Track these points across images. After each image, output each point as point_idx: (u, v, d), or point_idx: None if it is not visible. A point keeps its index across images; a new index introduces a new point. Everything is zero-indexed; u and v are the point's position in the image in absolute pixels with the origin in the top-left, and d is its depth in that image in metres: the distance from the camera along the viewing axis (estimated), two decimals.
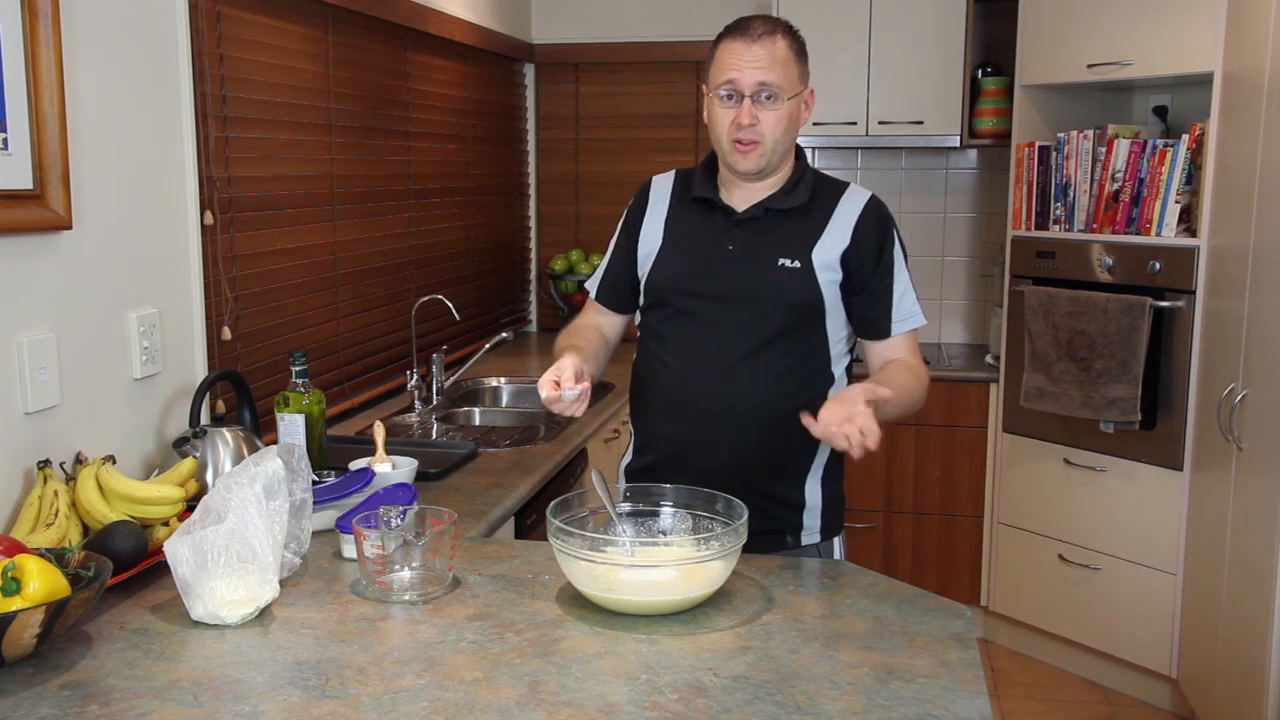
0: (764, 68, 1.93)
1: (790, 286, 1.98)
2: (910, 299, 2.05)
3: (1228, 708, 2.98)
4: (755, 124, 1.95)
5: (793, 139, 2.02)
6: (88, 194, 2.02)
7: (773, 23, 1.98)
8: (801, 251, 1.99)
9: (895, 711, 1.34)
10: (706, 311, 2.02)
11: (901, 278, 2.05)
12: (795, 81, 1.98)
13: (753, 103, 1.95)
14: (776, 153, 1.99)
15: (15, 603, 1.44)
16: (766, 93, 1.94)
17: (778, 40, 1.96)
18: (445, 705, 1.35)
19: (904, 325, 2.05)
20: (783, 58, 1.95)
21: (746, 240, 2.02)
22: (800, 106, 2.01)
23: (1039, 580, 3.80)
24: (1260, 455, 2.80)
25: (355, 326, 3.22)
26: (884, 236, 2.03)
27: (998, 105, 4.06)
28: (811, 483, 2.07)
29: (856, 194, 2.06)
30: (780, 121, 1.96)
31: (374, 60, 3.30)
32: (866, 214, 2.02)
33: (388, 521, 1.70)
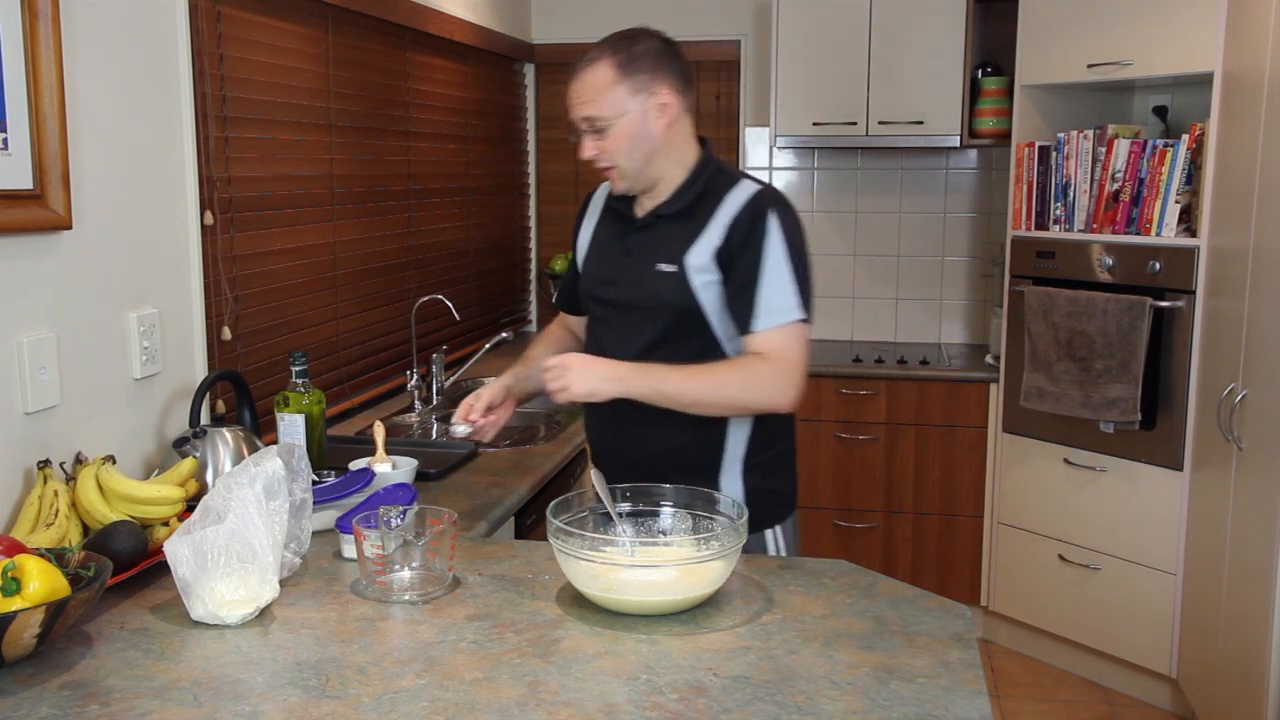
0: (583, 102, 1.99)
1: (666, 290, 2.03)
2: (785, 295, 1.97)
3: (1228, 708, 2.98)
4: (598, 154, 2.02)
5: (648, 152, 2.02)
6: (88, 194, 2.02)
7: (600, 48, 2.01)
8: (677, 255, 2.03)
9: (895, 711, 1.34)
10: (608, 315, 2.15)
11: (775, 272, 1.97)
12: (620, 103, 1.98)
13: (588, 135, 2.01)
14: (637, 171, 2.04)
15: (15, 603, 1.44)
16: (592, 126, 2.00)
17: (596, 69, 1.99)
18: (445, 705, 1.35)
19: (768, 321, 1.97)
20: (601, 85, 1.98)
21: (638, 247, 2.09)
22: (642, 119, 1.99)
23: (1039, 580, 3.80)
24: (1260, 455, 2.80)
25: (355, 326, 3.22)
26: (755, 230, 1.99)
27: (998, 105, 4.06)
28: (729, 477, 2.11)
29: (741, 190, 2.03)
30: (619, 144, 2.00)
31: (374, 60, 3.30)
32: (743, 210, 2.01)
33: (388, 521, 1.70)
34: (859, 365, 4.06)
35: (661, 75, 2.01)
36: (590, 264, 2.21)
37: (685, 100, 2.05)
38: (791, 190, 4.58)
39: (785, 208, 2.03)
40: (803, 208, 4.55)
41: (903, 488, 4.06)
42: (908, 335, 4.58)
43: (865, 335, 4.61)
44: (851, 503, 4.10)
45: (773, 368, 1.96)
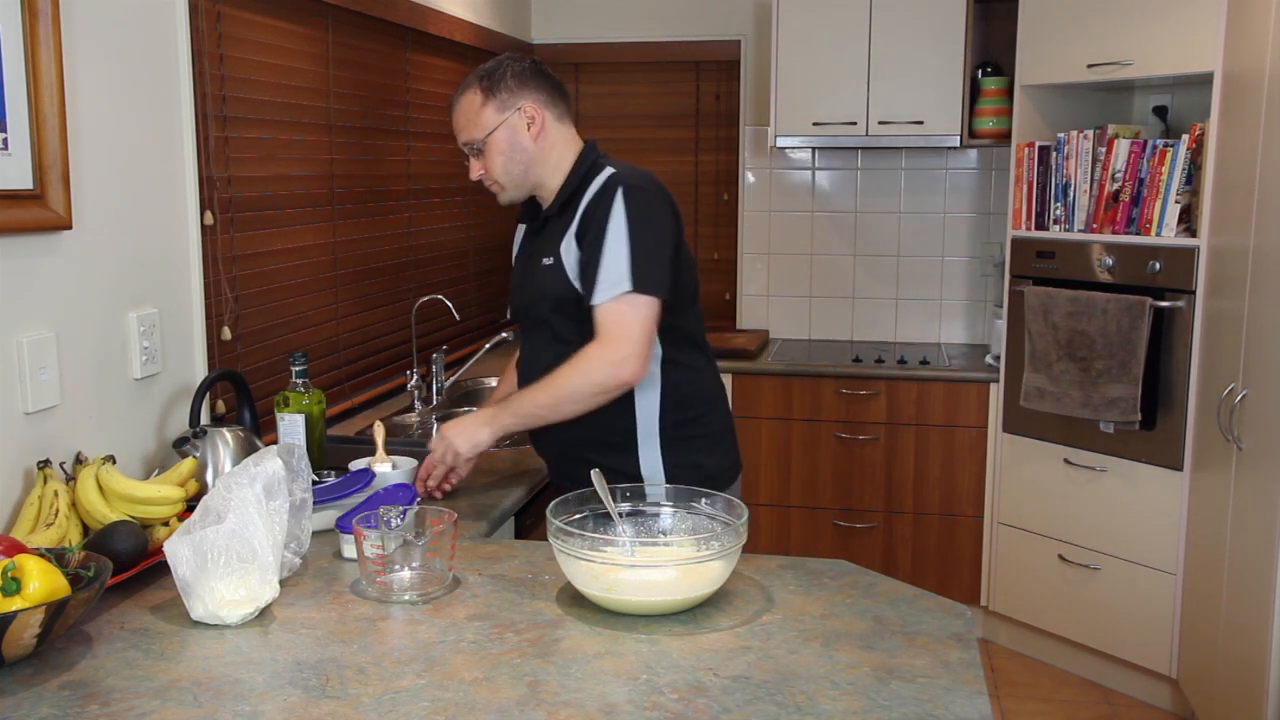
0: (459, 129, 2.20)
1: (549, 283, 2.15)
2: (619, 267, 2.03)
3: (1228, 708, 2.98)
4: (483, 173, 2.20)
5: (523, 163, 2.18)
6: (88, 194, 2.02)
7: (464, 83, 2.19)
8: (554, 249, 2.16)
9: (895, 711, 1.34)
10: (523, 320, 2.30)
11: (615, 246, 2.04)
12: (488, 123, 2.14)
13: (471, 158, 2.20)
14: (515, 182, 2.20)
15: (15, 603, 1.44)
16: (471, 148, 2.19)
17: (464, 96, 2.17)
18: (445, 705, 1.35)
19: (604, 294, 2.04)
20: (470, 110, 2.16)
21: (533, 251, 2.25)
22: (511, 131, 2.15)
23: (1039, 580, 3.80)
24: (1260, 455, 2.80)
25: (355, 326, 3.22)
26: (600, 208, 2.08)
27: (998, 105, 4.06)
28: (647, 453, 2.17)
29: (600, 177, 2.15)
30: (494, 159, 2.17)
31: (374, 60, 3.30)
32: (595, 196, 2.11)
33: (388, 521, 1.70)
34: (859, 365, 4.06)
35: (525, 90, 2.15)
36: (513, 279, 2.37)
37: (554, 110, 2.19)
38: (791, 190, 4.58)
39: (636, 187, 2.10)
40: (803, 208, 4.58)
41: (903, 488, 4.06)
42: (908, 335, 4.58)
43: (865, 335, 4.61)
44: (851, 503, 4.10)
45: (602, 347, 2.05)
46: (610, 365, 2.04)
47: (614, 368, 2.03)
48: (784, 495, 4.11)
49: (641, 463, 2.17)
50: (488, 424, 2.14)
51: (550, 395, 2.09)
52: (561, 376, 2.08)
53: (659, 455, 2.17)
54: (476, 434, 2.14)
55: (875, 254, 4.57)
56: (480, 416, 2.17)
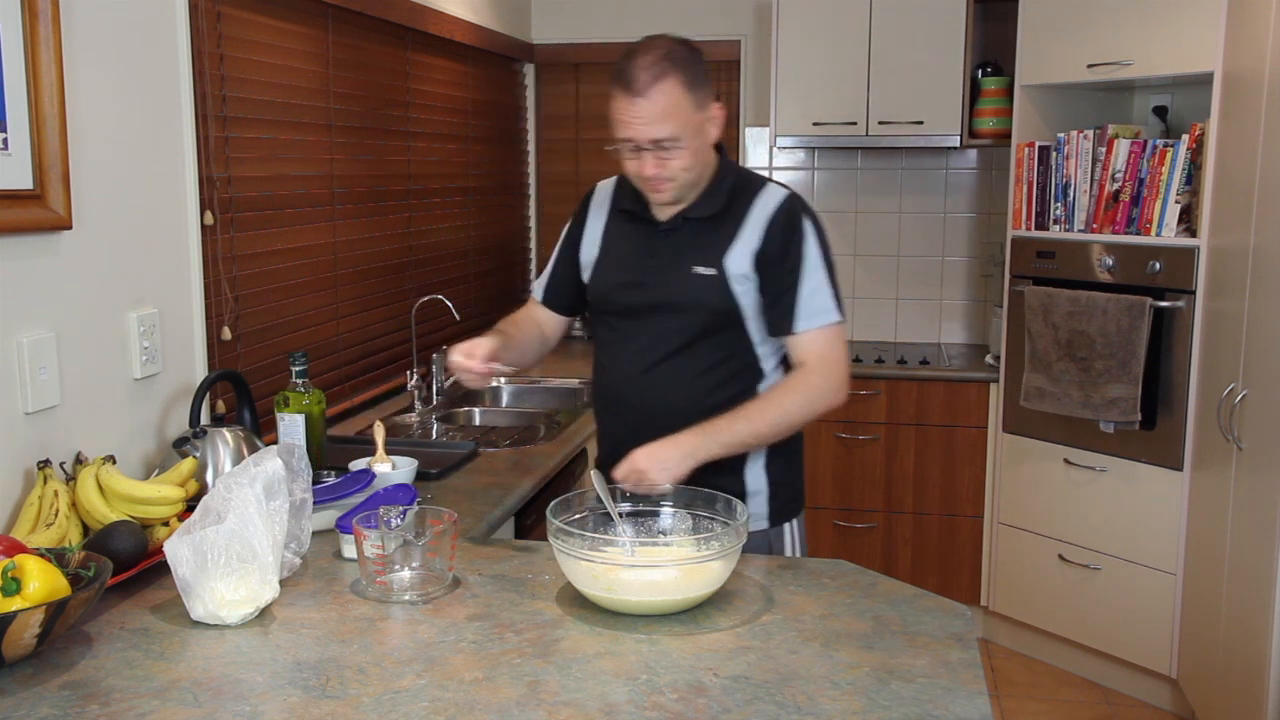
0: (654, 122, 1.92)
1: (705, 294, 2.03)
2: (823, 297, 2.02)
3: (1228, 708, 2.98)
4: (659, 171, 1.97)
5: (703, 163, 2.03)
6: (88, 194, 2.02)
7: (657, 66, 1.92)
8: (715, 259, 2.03)
9: (895, 711, 1.34)
10: (634, 318, 2.11)
11: (814, 276, 2.02)
12: (690, 118, 1.95)
13: (653, 154, 1.95)
14: (692, 183, 2.03)
15: (15, 603, 1.44)
16: (659, 145, 1.94)
17: (663, 86, 1.91)
18: (445, 705, 1.35)
19: (811, 323, 2.01)
20: (672, 104, 1.92)
21: (667, 250, 2.08)
22: (705, 134, 2.00)
23: (1039, 580, 3.80)
24: (1260, 455, 2.80)
25: (355, 326, 3.22)
26: (791, 234, 2.02)
27: (998, 105, 4.06)
28: (753, 471, 2.11)
29: (771, 194, 2.06)
30: (686, 159, 1.97)
31: (374, 60, 3.30)
32: (777, 214, 2.03)
33: (388, 521, 1.70)
34: (859, 365, 4.06)
35: (708, 85, 1.99)
36: (605, 267, 2.16)
37: None
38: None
39: (813, 213, 2.08)
40: None
41: (903, 488, 4.06)
42: (908, 335, 4.58)
43: (865, 335, 4.61)
44: (851, 503, 4.10)
45: (821, 374, 2.01)
46: (830, 393, 2.01)
47: (833, 395, 2.02)
48: None
49: (748, 479, 2.10)
50: (690, 456, 1.91)
51: (771, 424, 1.99)
52: (782, 404, 1.99)
53: (764, 473, 2.11)
54: (679, 467, 1.90)
55: (875, 254, 4.57)
56: (680, 446, 1.91)
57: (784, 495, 2.15)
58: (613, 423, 2.18)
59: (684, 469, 1.90)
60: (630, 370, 2.11)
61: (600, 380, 2.20)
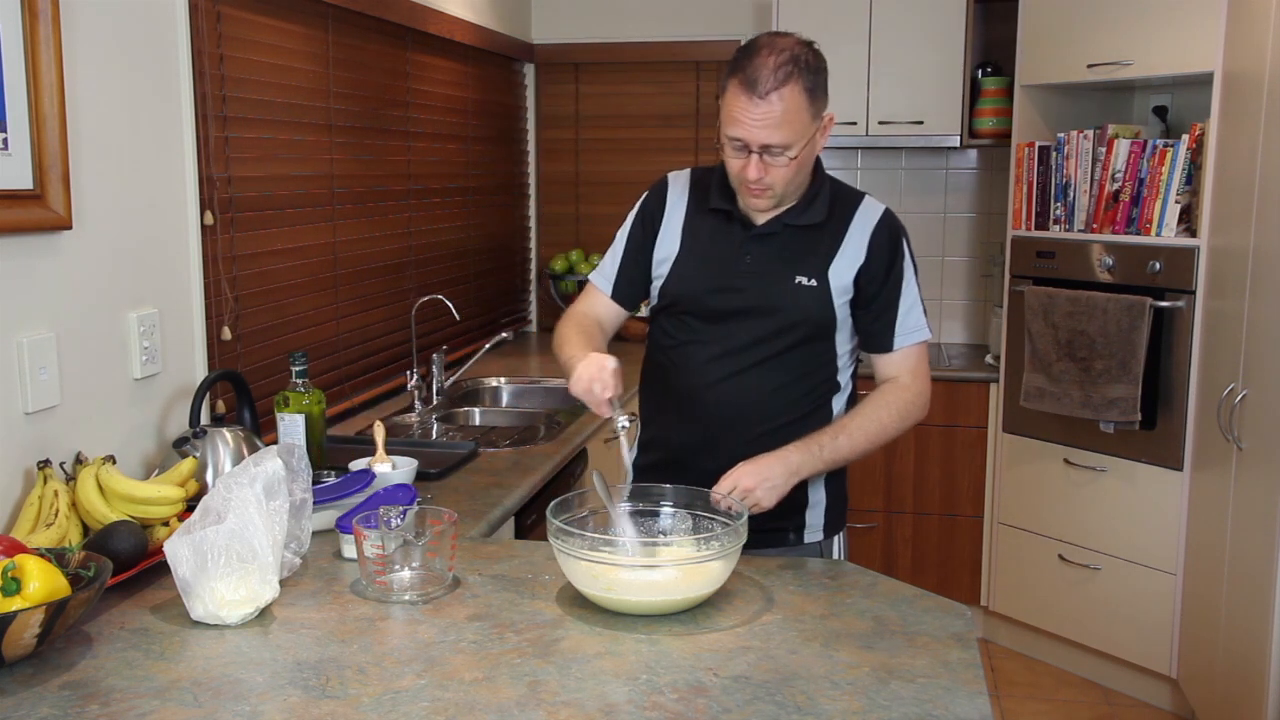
0: (771, 127, 1.85)
1: (807, 304, 1.99)
2: (917, 314, 2.05)
3: (1228, 708, 2.98)
4: (763, 175, 1.90)
5: (807, 172, 1.99)
6: (88, 194, 2.02)
7: (783, 70, 1.83)
8: (818, 270, 1.99)
9: (895, 711, 1.34)
10: (720, 322, 2.02)
11: (909, 292, 2.04)
12: (806, 128, 1.89)
13: (761, 158, 1.88)
14: (790, 192, 1.99)
15: (15, 603, 1.44)
16: (770, 150, 1.88)
17: (787, 93, 1.83)
18: (445, 705, 1.35)
19: (907, 340, 2.04)
20: (793, 110, 1.84)
21: (763, 255, 2.00)
22: (815, 140, 1.94)
23: (1039, 580, 3.80)
24: (1260, 455, 2.80)
25: (355, 326, 3.22)
26: (894, 252, 2.02)
27: (998, 105, 4.06)
28: (816, 482, 2.07)
29: (871, 208, 2.05)
30: (792, 170, 1.91)
31: (374, 60, 3.30)
32: (880, 230, 2.02)
33: (388, 521, 1.70)
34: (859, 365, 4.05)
35: (826, 94, 1.92)
36: (688, 265, 2.05)
37: None
38: None
39: (905, 230, 2.08)
40: None
41: (903, 488, 4.06)
42: None
43: None
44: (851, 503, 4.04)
45: (914, 391, 2.04)
46: (921, 408, 2.04)
47: (923, 410, 2.05)
48: None
49: (810, 491, 2.07)
50: (795, 474, 1.88)
51: (870, 440, 1.98)
52: (881, 420, 1.99)
53: (824, 484, 2.10)
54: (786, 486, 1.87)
55: None
56: (787, 463, 1.87)
57: (838, 507, 2.15)
58: (677, 428, 2.08)
59: (788, 487, 1.87)
60: (707, 375, 2.03)
61: (663, 383, 2.10)
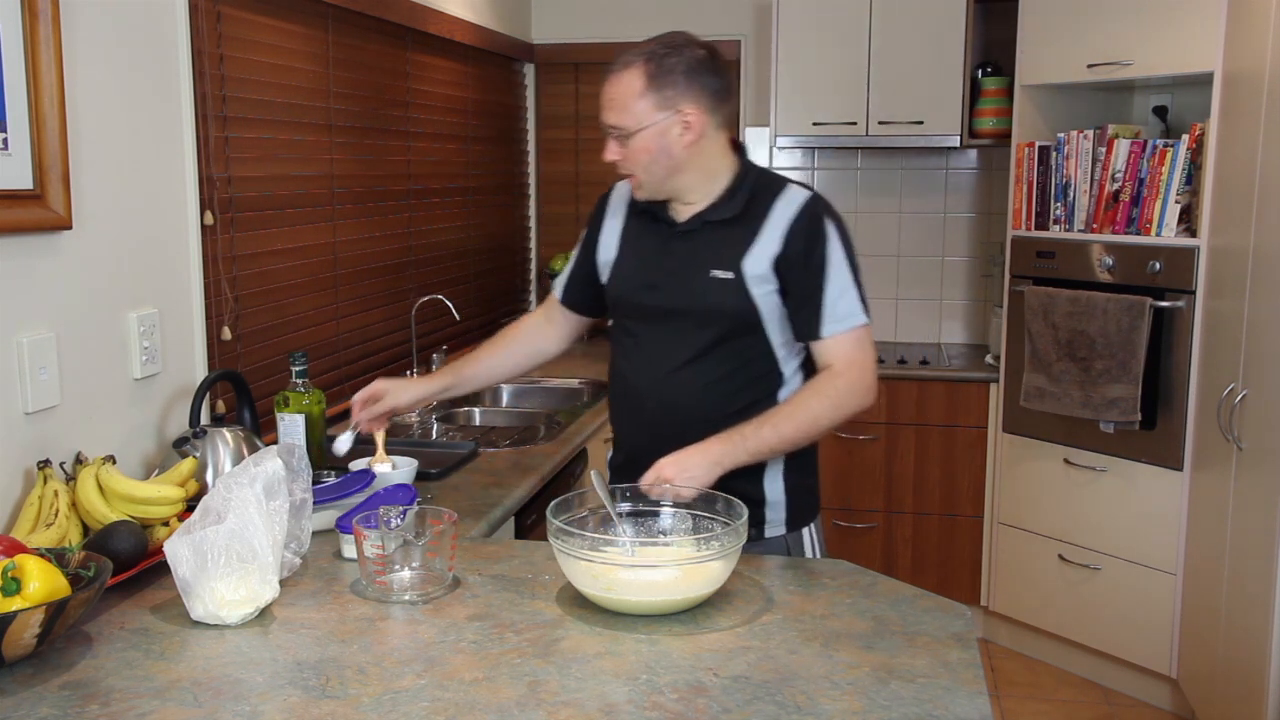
0: (608, 108, 1.95)
1: (722, 298, 1.99)
2: (849, 300, 1.98)
3: (1228, 708, 2.98)
4: (619, 159, 1.97)
5: (667, 168, 1.97)
6: (88, 194, 2.02)
7: (636, 53, 1.95)
8: (733, 263, 1.99)
9: (895, 711, 1.34)
10: (650, 320, 2.07)
11: (838, 278, 1.98)
12: (645, 115, 1.93)
13: (612, 139, 1.97)
14: (656, 184, 2.00)
15: (15, 603, 1.44)
16: (615, 132, 1.96)
17: (626, 76, 1.93)
18: (445, 705, 1.35)
19: (837, 327, 1.98)
20: (629, 94, 1.93)
21: (684, 252, 2.04)
22: (663, 135, 1.94)
23: (1039, 580, 3.80)
24: (1260, 455, 2.80)
25: (355, 326, 3.22)
26: (815, 237, 1.98)
27: (998, 105, 4.06)
28: (771, 479, 2.09)
29: (792, 196, 2.01)
30: (638, 155, 1.95)
31: (374, 60, 3.30)
32: (799, 218, 1.98)
33: (388, 521, 1.70)
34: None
35: (691, 92, 1.95)
36: (623, 267, 2.12)
37: (716, 117, 1.99)
38: None
39: (836, 215, 2.03)
40: None
41: (903, 488, 4.06)
42: (908, 335, 4.58)
43: None
44: (851, 503, 4.10)
45: (849, 378, 1.98)
46: (858, 395, 1.97)
47: (861, 397, 1.98)
48: None
49: (766, 486, 2.09)
50: (717, 464, 1.89)
51: (799, 429, 1.96)
52: (810, 409, 1.96)
53: (781, 480, 2.10)
54: (706, 476, 1.87)
55: (875, 254, 4.56)
56: (708, 454, 1.89)
57: (802, 501, 2.15)
58: (630, 428, 2.15)
59: (711, 478, 1.87)
60: (648, 375, 2.07)
61: (617, 384, 2.16)
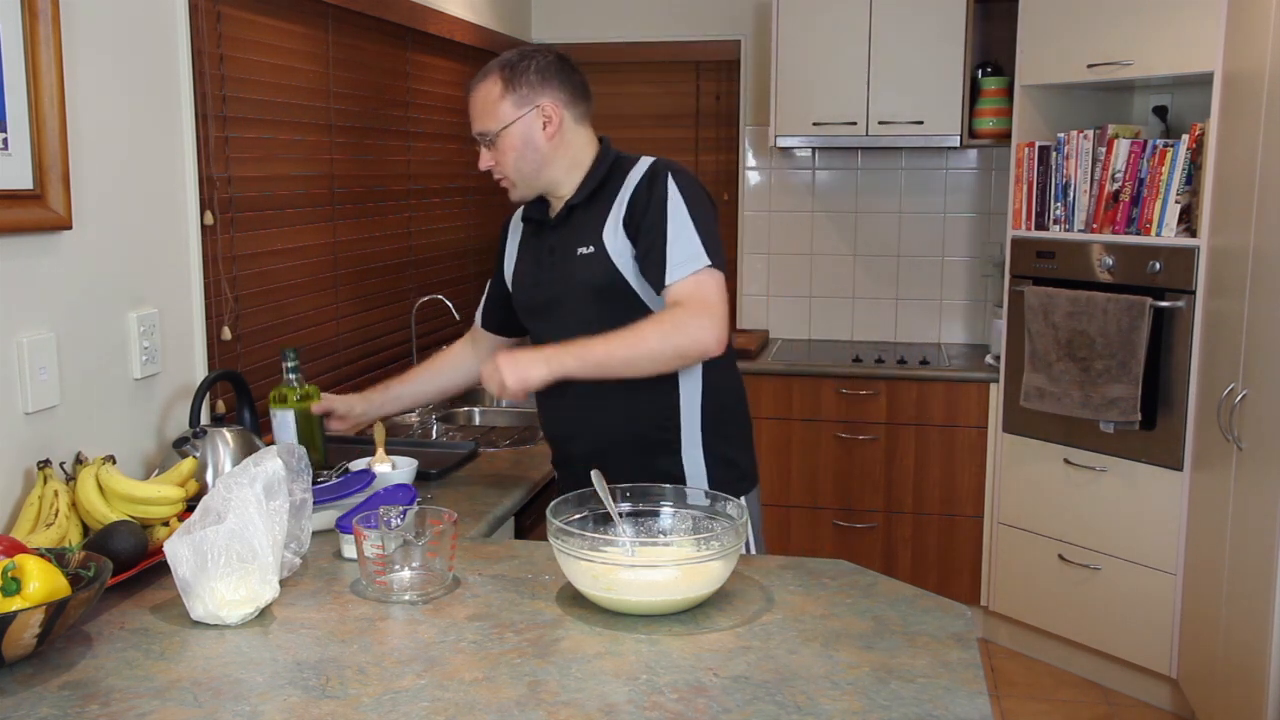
0: (474, 119, 2.12)
1: (590, 271, 2.09)
2: (690, 245, 2.01)
3: (1228, 708, 2.98)
4: (493, 165, 2.13)
5: (535, 161, 2.12)
6: (88, 194, 2.02)
7: (491, 66, 2.12)
8: (594, 236, 2.10)
9: (895, 711, 1.34)
10: (547, 314, 2.19)
11: (677, 225, 2.01)
12: (506, 114, 2.08)
13: (484, 147, 2.13)
14: (527, 179, 2.14)
15: (15, 603, 1.44)
16: (484, 139, 2.12)
17: (485, 85, 2.10)
18: (445, 705, 1.35)
19: (680, 272, 2.00)
20: (487, 100, 2.09)
21: (557, 242, 2.17)
22: (526, 130, 2.09)
23: (1039, 580, 3.80)
24: (1260, 455, 2.80)
25: (355, 326, 3.22)
26: (652, 193, 2.05)
27: (998, 105, 4.06)
28: (689, 453, 2.14)
29: (639, 166, 2.12)
30: (507, 154, 2.10)
31: (374, 60, 3.30)
32: (641, 180, 2.09)
33: (388, 521, 1.70)
34: (859, 365, 4.06)
35: (547, 88, 2.09)
36: (520, 276, 2.27)
37: (575, 110, 2.13)
38: (792, 190, 4.59)
39: (681, 171, 2.10)
40: (803, 208, 4.58)
41: (903, 488, 4.06)
42: (908, 335, 4.58)
43: (865, 335, 4.61)
44: (851, 503, 4.10)
45: (688, 310, 1.97)
46: (697, 329, 1.96)
47: (701, 332, 1.96)
48: (784, 495, 4.11)
49: (685, 462, 2.14)
50: (545, 362, 1.96)
51: (628, 349, 1.96)
52: (643, 333, 1.97)
53: (701, 454, 2.14)
54: (530, 370, 1.96)
55: (875, 254, 4.57)
56: (538, 354, 1.99)
57: (727, 476, 2.15)
58: (549, 422, 2.27)
59: (537, 373, 1.95)
60: None
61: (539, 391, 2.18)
